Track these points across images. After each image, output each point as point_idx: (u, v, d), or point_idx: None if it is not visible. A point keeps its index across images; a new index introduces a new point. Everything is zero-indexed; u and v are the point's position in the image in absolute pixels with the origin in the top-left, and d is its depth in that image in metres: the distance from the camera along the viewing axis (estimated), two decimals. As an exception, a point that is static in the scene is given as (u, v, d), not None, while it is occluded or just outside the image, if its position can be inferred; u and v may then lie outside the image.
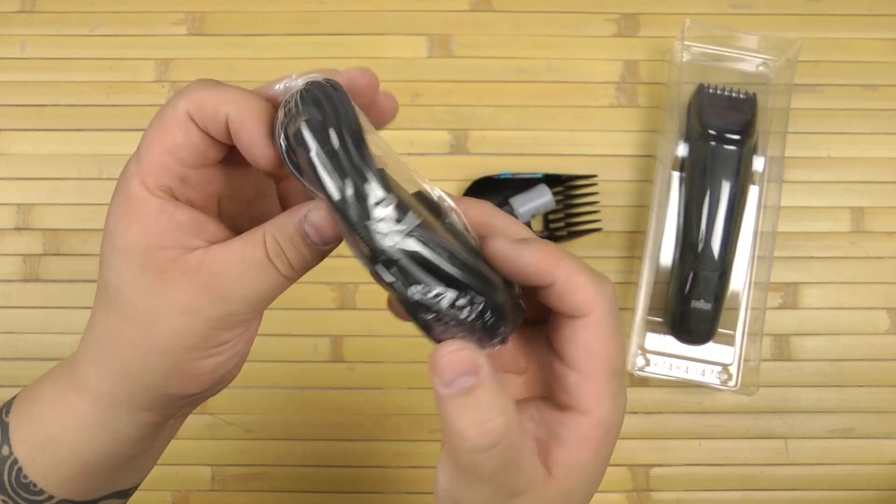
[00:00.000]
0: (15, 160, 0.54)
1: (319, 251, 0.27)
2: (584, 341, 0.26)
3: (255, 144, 0.25)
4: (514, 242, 0.26)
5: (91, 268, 0.53)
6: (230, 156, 0.28)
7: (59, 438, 0.29)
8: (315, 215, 0.26)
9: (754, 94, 0.51)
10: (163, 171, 0.26)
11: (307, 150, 0.24)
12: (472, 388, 0.24)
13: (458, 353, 0.24)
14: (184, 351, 0.27)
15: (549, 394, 0.28)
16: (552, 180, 0.53)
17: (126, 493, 0.33)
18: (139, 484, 0.34)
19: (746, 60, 0.54)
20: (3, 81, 0.55)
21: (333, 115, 0.25)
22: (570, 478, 0.27)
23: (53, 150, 0.54)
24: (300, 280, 0.56)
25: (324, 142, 0.24)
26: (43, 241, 0.54)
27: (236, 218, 0.30)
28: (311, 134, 0.24)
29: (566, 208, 0.54)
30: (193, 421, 0.53)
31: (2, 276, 0.54)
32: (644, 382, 0.53)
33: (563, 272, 0.25)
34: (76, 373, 0.29)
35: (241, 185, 0.29)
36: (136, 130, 0.55)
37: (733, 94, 0.51)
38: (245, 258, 0.26)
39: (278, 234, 0.26)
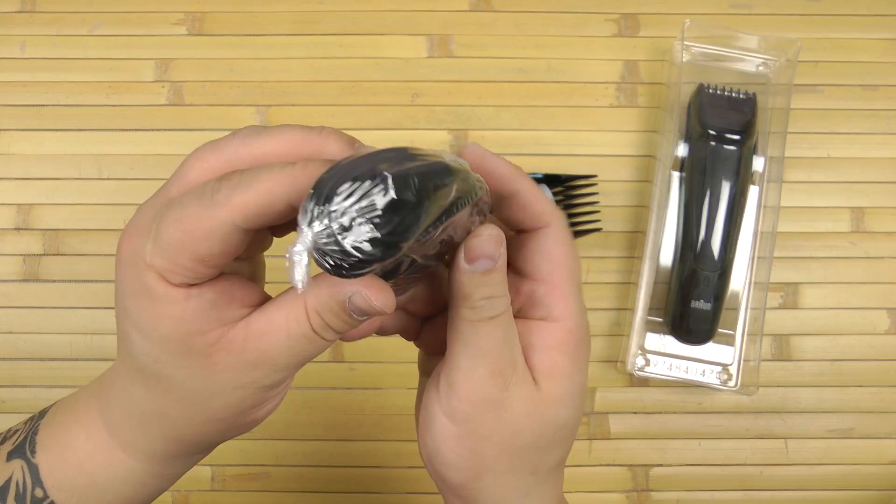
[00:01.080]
0: (15, 160, 0.54)
1: (364, 322, 0.27)
2: (548, 249, 0.29)
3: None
4: (488, 151, 0.28)
5: (91, 268, 0.53)
6: None
7: (103, 486, 0.29)
8: (359, 299, 0.25)
9: (754, 94, 0.51)
10: (189, 274, 0.24)
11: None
12: (489, 269, 0.27)
13: (492, 238, 0.27)
14: (239, 414, 0.28)
15: (516, 315, 0.30)
16: (552, 180, 0.53)
17: None
18: None
19: (746, 60, 0.54)
20: (3, 81, 0.55)
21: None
22: (552, 384, 0.28)
23: (53, 150, 0.54)
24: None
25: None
26: (43, 241, 0.54)
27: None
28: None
29: (566, 208, 0.54)
30: (193, 421, 0.53)
31: (2, 276, 0.54)
32: (644, 382, 0.53)
33: (525, 185, 0.28)
34: (118, 434, 0.29)
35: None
36: (135, 130, 0.55)
37: (733, 95, 0.51)
38: (291, 334, 0.26)
39: (321, 309, 0.25)
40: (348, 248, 0.20)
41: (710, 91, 0.51)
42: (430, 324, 0.32)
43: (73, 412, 0.30)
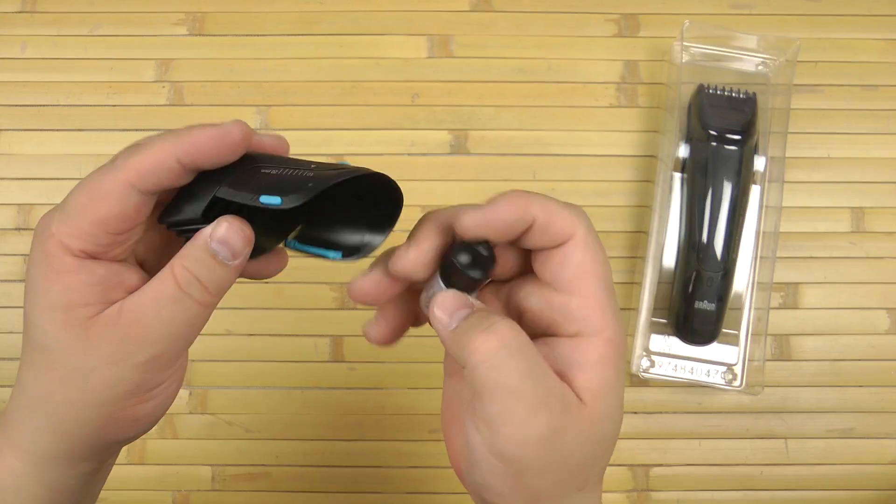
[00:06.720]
0: (15, 160, 0.54)
1: (232, 267, 0.27)
2: (577, 260, 0.28)
3: (225, 141, 0.26)
4: (482, 207, 0.27)
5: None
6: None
7: None
8: (219, 231, 0.27)
9: (754, 94, 0.51)
10: (89, 238, 0.26)
11: None
12: (469, 314, 0.27)
13: (451, 294, 0.27)
14: (118, 400, 0.28)
15: (552, 333, 0.28)
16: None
17: None
18: None
19: (745, 60, 0.54)
20: (4, 81, 0.55)
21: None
22: (601, 401, 0.27)
23: (53, 150, 0.54)
24: (300, 280, 0.56)
25: None
26: (43, 242, 0.54)
27: (148, 263, 0.30)
28: None
29: None
30: (193, 421, 0.53)
31: (2, 276, 0.54)
32: (644, 382, 0.53)
33: (538, 208, 0.27)
34: (9, 433, 0.29)
35: (154, 233, 0.30)
36: (136, 130, 0.55)
37: (733, 94, 0.51)
38: (158, 296, 0.27)
39: (186, 262, 0.27)
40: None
41: (710, 91, 0.51)
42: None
43: None
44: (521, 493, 0.27)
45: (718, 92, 0.51)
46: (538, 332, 0.29)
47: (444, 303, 0.27)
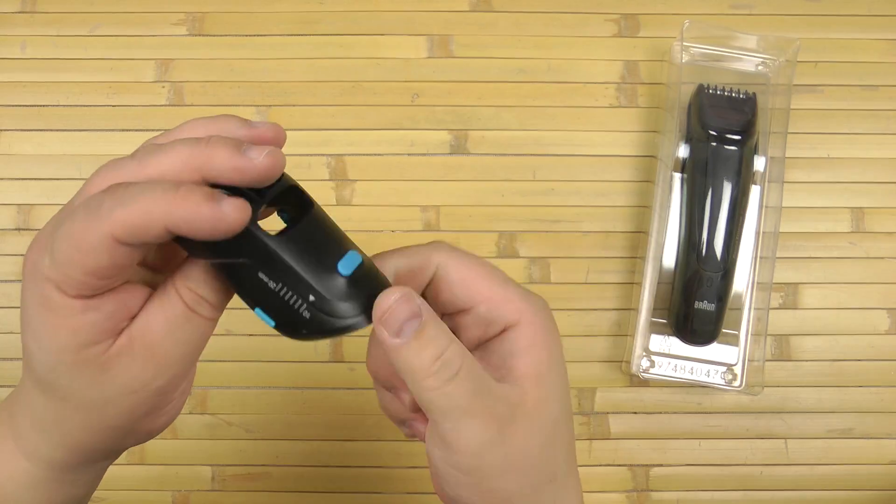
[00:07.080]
0: (15, 160, 0.54)
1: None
2: (456, 274, 0.29)
3: (219, 227, 0.24)
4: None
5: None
6: None
7: (8, 494, 0.29)
8: None
9: (754, 94, 0.51)
10: (84, 287, 0.25)
11: None
12: (420, 328, 0.26)
13: (400, 299, 0.26)
14: (137, 420, 0.28)
15: (486, 339, 0.30)
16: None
17: None
18: None
19: (745, 60, 0.54)
20: (4, 82, 0.55)
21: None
22: (542, 384, 0.28)
23: (53, 150, 0.54)
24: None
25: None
26: (43, 242, 0.54)
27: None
28: None
29: None
30: (193, 421, 0.53)
31: (2, 276, 0.54)
32: (644, 382, 0.53)
33: (396, 260, 0.29)
34: (22, 443, 0.29)
35: None
36: (136, 131, 0.55)
37: (733, 94, 0.51)
38: (168, 318, 0.26)
39: (190, 283, 0.27)
40: None
41: (710, 91, 0.51)
42: None
43: None
44: (491, 497, 0.28)
45: (718, 92, 0.51)
46: (474, 345, 0.30)
47: (395, 310, 0.26)
